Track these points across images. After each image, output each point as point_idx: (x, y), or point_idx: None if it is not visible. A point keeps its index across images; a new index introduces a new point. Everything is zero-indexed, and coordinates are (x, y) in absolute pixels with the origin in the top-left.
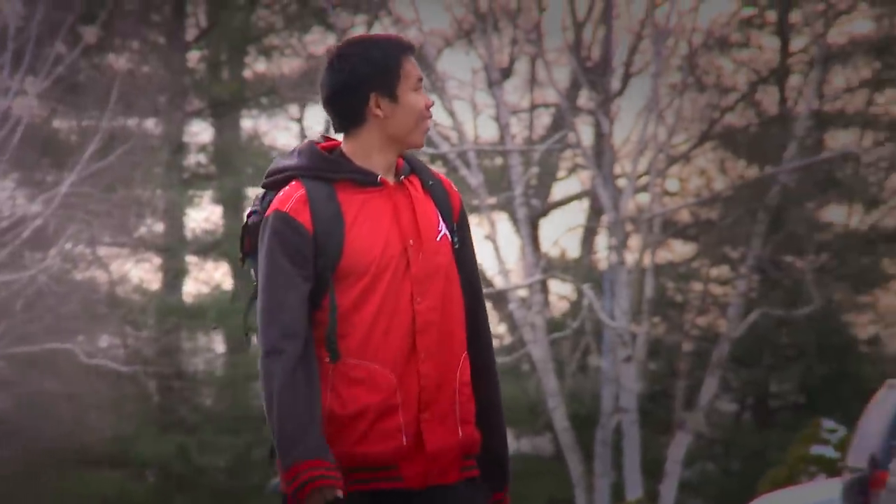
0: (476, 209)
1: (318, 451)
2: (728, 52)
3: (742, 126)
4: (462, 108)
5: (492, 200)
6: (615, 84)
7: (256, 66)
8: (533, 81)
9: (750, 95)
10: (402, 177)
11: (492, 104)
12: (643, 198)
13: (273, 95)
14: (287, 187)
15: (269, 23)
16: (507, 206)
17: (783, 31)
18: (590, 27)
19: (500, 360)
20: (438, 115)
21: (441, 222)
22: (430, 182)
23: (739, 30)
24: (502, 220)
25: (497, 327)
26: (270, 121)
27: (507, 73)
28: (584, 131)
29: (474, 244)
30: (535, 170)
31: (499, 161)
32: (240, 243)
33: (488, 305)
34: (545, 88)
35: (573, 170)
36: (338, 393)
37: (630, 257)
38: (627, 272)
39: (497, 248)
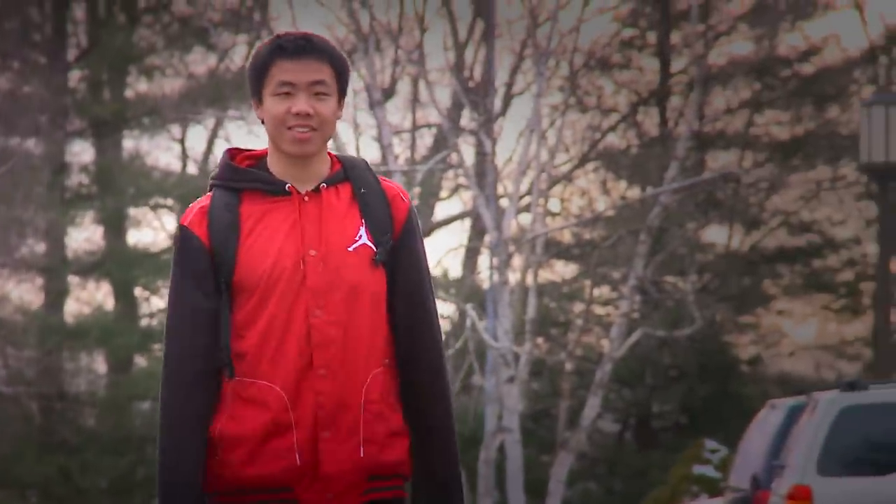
0: None
1: None
2: (609, 73)
3: (623, 147)
4: (344, 129)
5: None
6: (497, 104)
7: (138, 85)
8: (415, 102)
9: (631, 116)
10: (324, 185)
11: (374, 124)
12: (525, 218)
13: (155, 115)
14: (200, 199)
15: (150, 42)
16: None
17: (663, 53)
18: (471, 47)
19: None
20: None
21: (362, 233)
22: (362, 190)
23: (620, 51)
24: None
25: None
26: (152, 141)
27: (388, 93)
28: (467, 151)
29: (424, 259)
30: (417, 190)
31: None
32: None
33: None
34: (427, 109)
35: (455, 190)
36: (231, 413)
37: (513, 277)
38: (510, 292)
39: None
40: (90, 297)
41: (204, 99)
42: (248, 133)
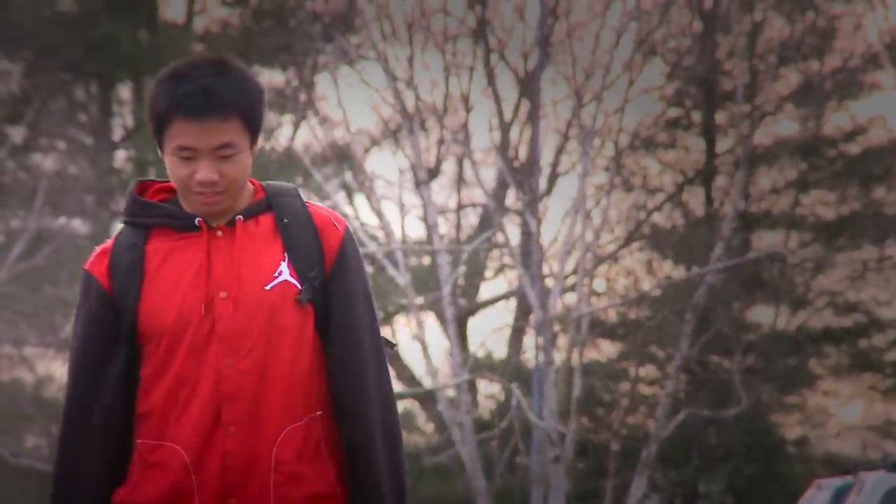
0: (404, 309)
1: None
2: (654, 153)
3: (669, 227)
4: (390, 208)
5: (419, 300)
6: (542, 184)
7: None
8: (460, 181)
9: (676, 196)
10: (240, 217)
11: (419, 204)
12: (571, 297)
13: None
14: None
15: None
16: (434, 306)
17: (709, 133)
18: (516, 127)
19: (428, 459)
20: (366, 214)
21: (283, 268)
22: (285, 220)
23: (665, 131)
24: (430, 320)
25: (425, 426)
26: None
27: (434, 172)
28: (512, 231)
29: (361, 295)
30: (462, 269)
31: (426, 261)
32: None
33: (415, 405)
34: (472, 188)
35: (501, 269)
36: (134, 482)
37: (558, 357)
38: (555, 372)
39: (425, 347)
40: None
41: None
42: None
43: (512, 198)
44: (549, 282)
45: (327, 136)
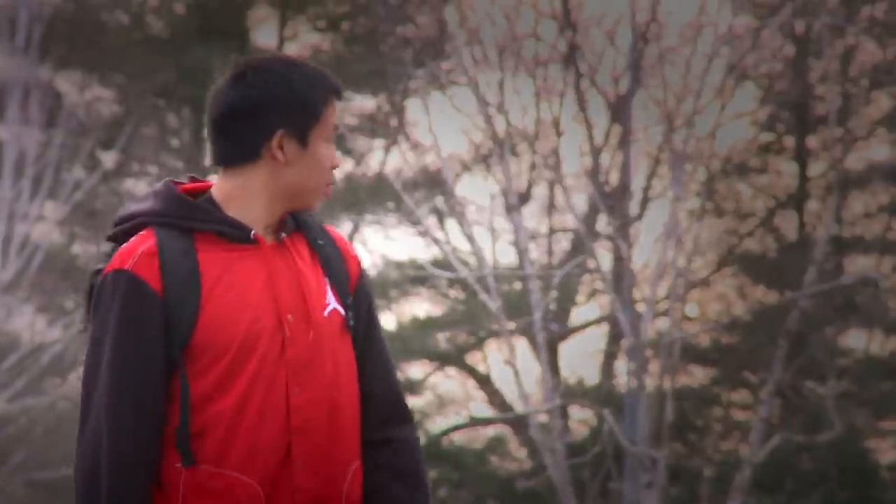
0: (495, 334)
1: None
2: (746, 178)
3: (761, 251)
4: (481, 233)
5: (511, 325)
6: (633, 209)
7: None
8: (551, 206)
9: (769, 221)
10: (284, 235)
11: (510, 229)
12: (663, 322)
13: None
14: (135, 238)
15: None
16: (526, 331)
17: (801, 157)
18: (608, 152)
19: (521, 484)
20: (457, 239)
21: (330, 293)
22: (320, 242)
23: (758, 155)
24: (522, 345)
25: (517, 452)
26: None
27: (525, 197)
28: (603, 256)
29: (379, 323)
30: (554, 295)
31: (518, 286)
32: (84, 306)
33: (507, 430)
34: (563, 213)
35: (592, 294)
36: None
37: (650, 382)
38: (647, 397)
39: (517, 372)
40: None
41: (340, 203)
42: (384, 238)
43: (603, 223)
44: (641, 307)
45: (418, 162)
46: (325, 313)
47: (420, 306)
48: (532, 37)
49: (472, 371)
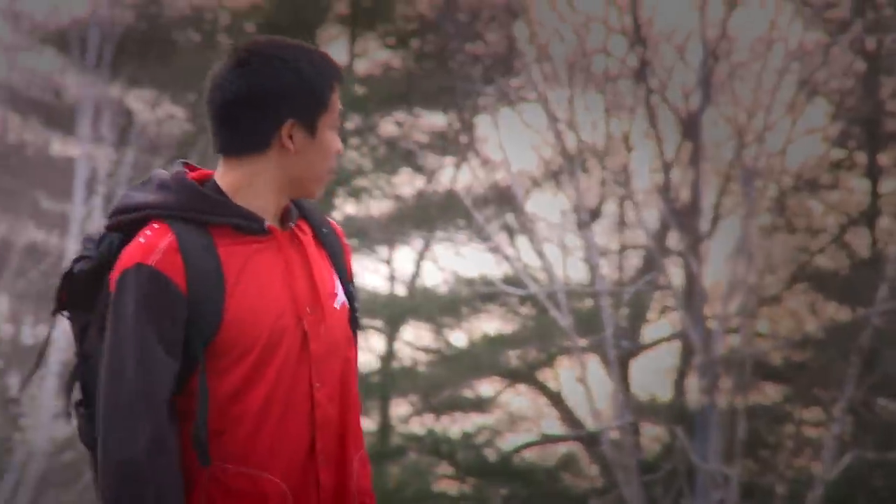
0: (566, 351)
1: None
2: (818, 194)
3: (833, 268)
4: (551, 250)
5: (582, 342)
6: (704, 226)
7: (346, 207)
8: (622, 222)
9: (840, 237)
10: (291, 224)
11: (581, 245)
12: (734, 339)
13: (362, 237)
14: (148, 231)
15: (357, 165)
16: (597, 348)
17: (873, 173)
18: (678, 168)
19: (593, 501)
20: (528, 256)
21: (338, 284)
22: (325, 230)
23: (829, 172)
24: (593, 362)
25: (589, 469)
26: (359, 262)
27: (595, 214)
28: (674, 273)
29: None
30: (625, 311)
31: (589, 303)
32: (56, 292)
33: (579, 447)
34: (634, 230)
35: (663, 311)
36: None
37: (721, 399)
38: (719, 414)
39: (588, 389)
40: None
41: (411, 220)
42: (455, 254)
43: (674, 239)
44: (712, 323)
45: (488, 178)
46: (337, 305)
47: (491, 323)
48: (602, 52)
49: (543, 388)
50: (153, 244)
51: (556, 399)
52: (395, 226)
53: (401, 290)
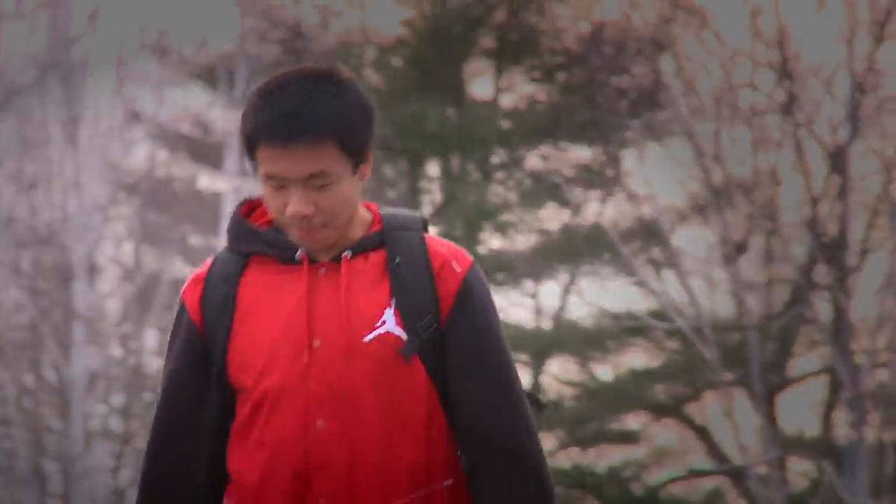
0: (713, 385)
1: None
2: None
3: None
4: (697, 284)
5: (729, 376)
6: (852, 259)
7: (491, 241)
8: (769, 256)
9: None
10: (347, 253)
11: (727, 279)
12: (882, 374)
13: (508, 271)
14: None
15: (503, 199)
16: (744, 382)
17: None
18: (826, 202)
19: None
20: (674, 290)
21: (388, 317)
22: (397, 260)
23: None
24: (740, 396)
25: (735, 503)
26: (505, 296)
27: (742, 247)
28: (822, 307)
29: (490, 348)
30: (772, 345)
31: (735, 336)
32: None
33: (726, 482)
34: (781, 264)
35: (811, 345)
36: None
37: (870, 434)
38: (867, 449)
39: (735, 423)
40: None
41: (557, 254)
42: (600, 288)
43: (821, 273)
44: (861, 358)
45: (634, 212)
46: (368, 338)
47: (637, 357)
48: (748, 86)
49: (689, 422)
50: (192, 275)
51: (702, 433)
52: (541, 260)
53: (546, 324)
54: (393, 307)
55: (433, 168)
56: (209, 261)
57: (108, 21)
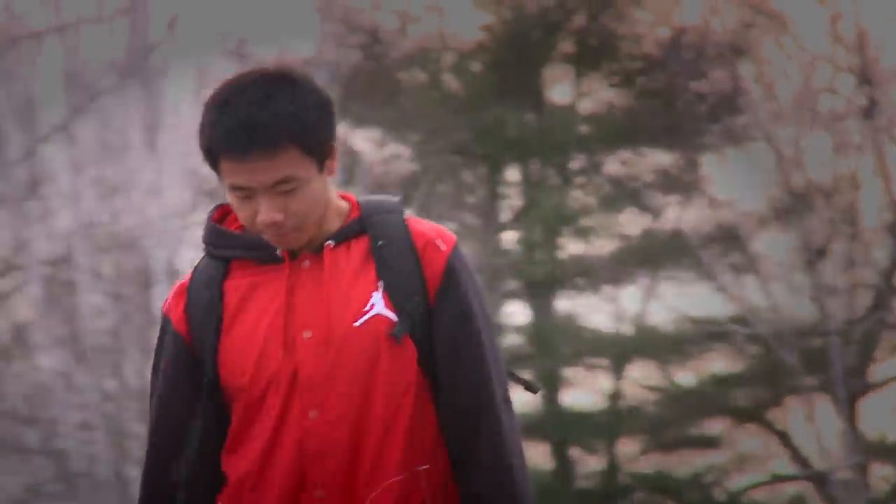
0: (795, 390)
1: None
2: None
3: None
4: (778, 289)
5: (811, 381)
6: None
7: (571, 247)
8: (850, 261)
9: None
10: (330, 243)
11: (808, 284)
12: None
13: (588, 276)
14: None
15: (582, 204)
16: (826, 387)
17: None
18: None
19: None
20: (755, 295)
21: (376, 300)
22: (380, 243)
23: None
24: (822, 401)
25: None
26: (586, 301)
27: (823, 252)
28: None
29: (477, 326)
30: (854, 350)
31: (817, 342)
32: None
33: (808, 487)
34: (863, 268)
35: (893, 350)
36: None
37: None
38: None
39: (817, 428)
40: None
41: (636, 259)
42: (681, 293)
43: None
44: None
45: (714, 217)
46: (358, 322)
47: (718, 363)
48: (828, 91)
49: (771, 427)
50: (174, 288)
51: (784, 438)
52: (621, 265)
53: (627, 330)
54: (381, 290)
55: (512, 173)
56: (189, 272)
57: (187, 26)
